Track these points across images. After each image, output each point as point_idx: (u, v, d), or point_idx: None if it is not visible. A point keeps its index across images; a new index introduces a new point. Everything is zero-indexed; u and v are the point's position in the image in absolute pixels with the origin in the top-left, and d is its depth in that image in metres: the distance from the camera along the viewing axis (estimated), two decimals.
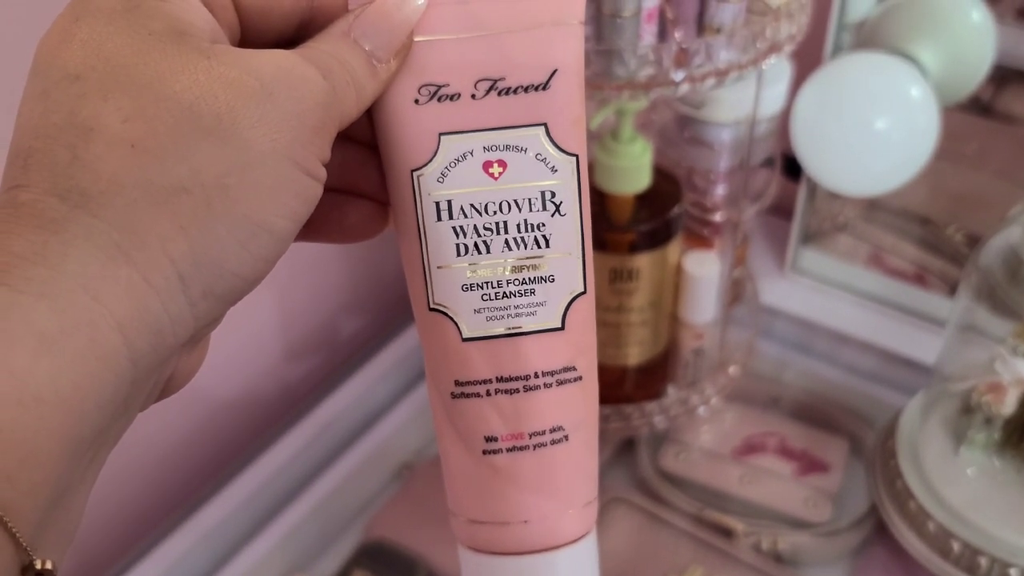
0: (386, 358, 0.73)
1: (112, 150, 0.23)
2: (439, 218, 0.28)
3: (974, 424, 0.59)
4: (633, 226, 0.57)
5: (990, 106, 0.81)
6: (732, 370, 0.67)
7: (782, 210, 0.79)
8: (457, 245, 0.28)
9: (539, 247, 0.28)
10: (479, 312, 0.29)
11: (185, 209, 0.23)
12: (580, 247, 0.29)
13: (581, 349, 0.30)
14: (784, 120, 0.63)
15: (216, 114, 0.23)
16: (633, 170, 0.55)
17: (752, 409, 0.75)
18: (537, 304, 0.29)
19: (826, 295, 0.77)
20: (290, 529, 0.64)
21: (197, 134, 0.23)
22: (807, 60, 0.64)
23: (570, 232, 0.29)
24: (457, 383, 0.30)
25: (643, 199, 0.57)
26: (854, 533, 0.65)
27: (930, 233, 0.84)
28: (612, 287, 0.58)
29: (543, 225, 0.28)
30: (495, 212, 0.28)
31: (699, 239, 0.63)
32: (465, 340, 0.29)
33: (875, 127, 0.58)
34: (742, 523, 0.65)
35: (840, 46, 0.67)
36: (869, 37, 0.67)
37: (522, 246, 0.28)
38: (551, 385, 0.30)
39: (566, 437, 0.30)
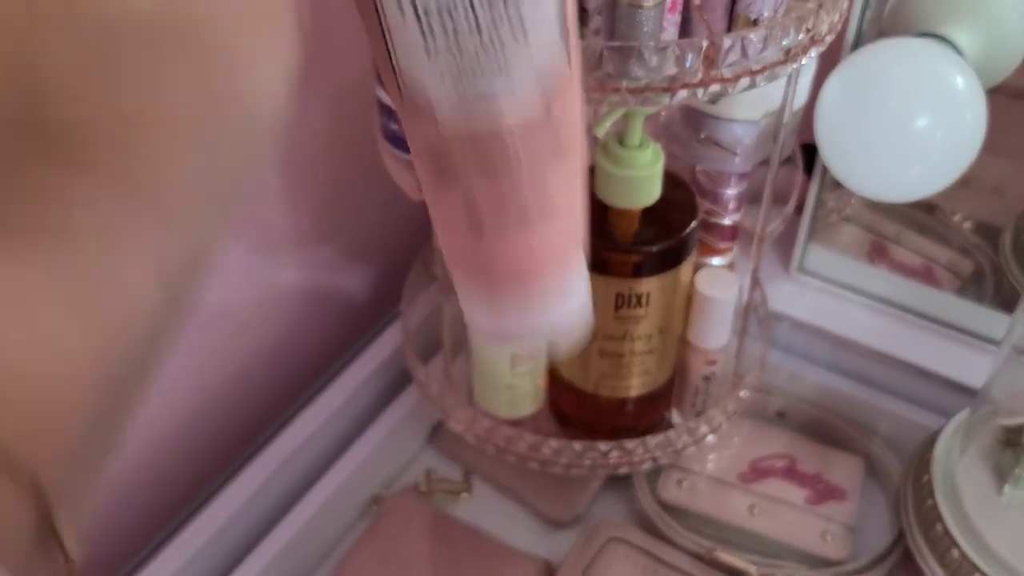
0: (343, 386, 0.65)
1: None
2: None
3: (1022, 461, 0.52)
4: (640, 245, 0.49)
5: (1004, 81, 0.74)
6: (744, 394, 0.60)
7: (782, 203, 0.71)
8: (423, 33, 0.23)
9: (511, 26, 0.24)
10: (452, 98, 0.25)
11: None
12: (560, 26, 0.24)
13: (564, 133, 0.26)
14: (805, 114, 0.55)
15: None
16: (642, 180, 0.47)
17: (757, 425, 0.68)
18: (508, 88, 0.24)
19: (834, 297, 0.70)
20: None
21: None
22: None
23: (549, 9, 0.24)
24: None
25: (651, 212, 0.49)
26: (879, 571, 0.59)
27: (937, 221, 0.77)
28: (617, 314, 0.50)
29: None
30: None
31: (712, 250, 0.55)
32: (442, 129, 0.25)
33: (916, 126, 0.50)
34: (755, 563, 0.58)
35: (862, 28, 0.59)
36: (894, 17, 0.59)
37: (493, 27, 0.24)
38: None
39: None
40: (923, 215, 0.78)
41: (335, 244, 0.69)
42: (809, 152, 0.60)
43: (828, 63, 0.54)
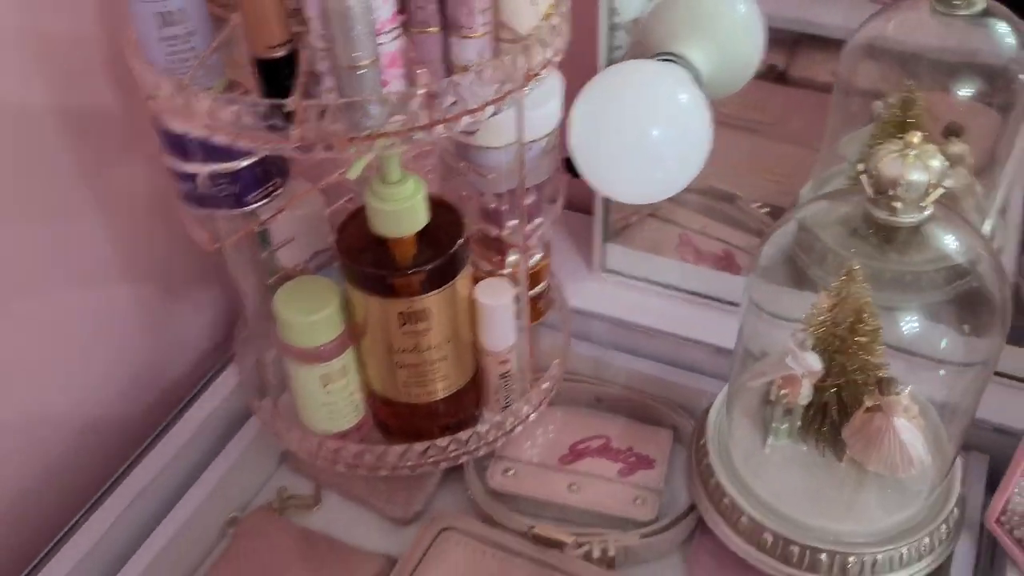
0: (199, 411, 0.70)
1: None
2: None
3: (776, 415, 0.60)
4: (419, 266, 0.56)
5: (785, 73, 0.82)
6: (546, 386, 0.67)
7: (585, 207, 0.79)
8: None
9: None
10: None
11: None
12: None
13: None
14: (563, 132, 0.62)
15: None
16: (408, 211, 0.54)
17: (577, 413, 0.75)
18: None
19: (636, 291, 0.78)
20: None
21: None
22: (582, 68, 0.63)
23: None
24: None
25: (425, 236, 0.56)
26: (681, 528, 0.66)
27: (737, 210, 0.85)
28: (403, 330, 0.57)
29: None
30: None
31: (494, 264, 0.62)
32: None
33: (649, 136, 0.58)
34: (572, 534, 0.65)
35: (615, 47, 0.67)
36: (642, 39, 0.67)
37: None
38: None
39: None
40: (726, 206, 0.86)
41: (176, 294, 0.74)
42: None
43: (583, 80, 0.61)
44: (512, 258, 0.64)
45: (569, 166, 0.65)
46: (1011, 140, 0.72)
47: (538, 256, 0.68)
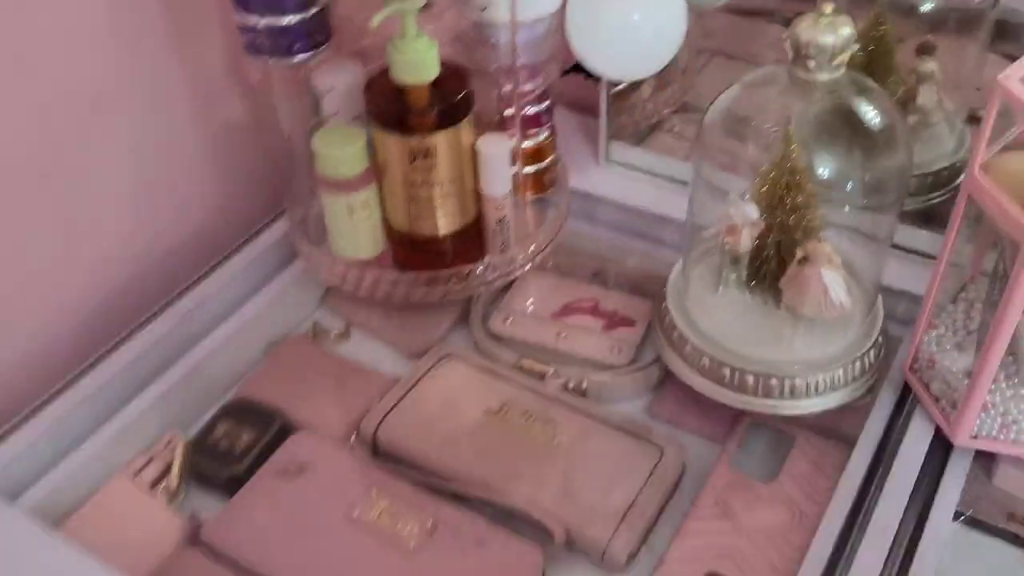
0: (254, 249, 0.84)
1: None
2: None
3: (724, 265, 0.70)
4: (430, 110, 0.68)
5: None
6: (541, 239, 0.78)
7: (597, 111, 0.90)
8: None
9: None
10: None
11: None
12: None
13: None
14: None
15: None
16: (421, 63, 0.66)
17: (576, 281, 0.86)
18: None
19: (637, 181, 0.89)
20: (165, 391, 0.74)
21: None
22: None
23: None
24: None
25: (436, 88, 0.68)
26: (650, 371, 0.77)
27: (747, 129, 0.95)
28: (413, 165, 0.69)
29: None
30: None
31: (499, 128, 0.74)
32: None
33: (631, 19, 0.69)
34: (553, 368, 0.77)
35: None
36: None
37: None
38: None
39: None
40: (739, 125, 0.96)
41: (242, 164, 0.88)
42: None
43: None
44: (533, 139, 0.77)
45: (580, 67, 0.76)
46: (977, 60, 0.81)
47: (545, 134, 0.80)
